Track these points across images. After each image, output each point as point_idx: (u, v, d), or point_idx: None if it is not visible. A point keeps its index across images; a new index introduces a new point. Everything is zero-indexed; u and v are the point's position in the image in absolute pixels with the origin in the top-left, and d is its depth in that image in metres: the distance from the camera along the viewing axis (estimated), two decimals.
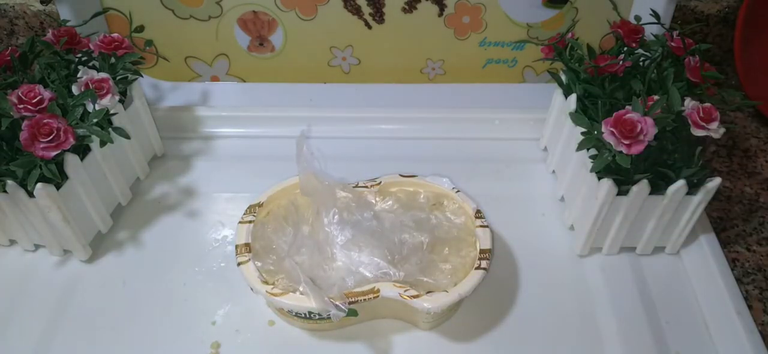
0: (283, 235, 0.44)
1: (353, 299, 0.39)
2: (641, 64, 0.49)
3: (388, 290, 0.40)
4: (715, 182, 0.44)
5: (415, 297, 0.39)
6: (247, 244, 0.42)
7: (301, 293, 0.39)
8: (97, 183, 0.47)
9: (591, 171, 0.44)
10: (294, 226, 0.44)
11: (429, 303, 0.39)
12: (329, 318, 0.40)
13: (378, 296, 0.39)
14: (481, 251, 0.42)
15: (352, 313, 0.41)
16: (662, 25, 0.51)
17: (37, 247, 0.49)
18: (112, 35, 0.50)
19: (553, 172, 0.55)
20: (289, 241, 0.43)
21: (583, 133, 0.45)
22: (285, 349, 0.42)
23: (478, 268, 0.41)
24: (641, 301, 0.45)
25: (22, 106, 0.42)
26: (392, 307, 0.42)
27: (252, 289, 0.40)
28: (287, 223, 0.45)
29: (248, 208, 0.45)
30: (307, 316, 0.41)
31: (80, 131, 0.44)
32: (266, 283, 0.40)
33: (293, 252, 0.42)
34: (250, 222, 0.44)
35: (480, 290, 0.40)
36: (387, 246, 0.42)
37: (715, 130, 0.41)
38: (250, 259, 0.41)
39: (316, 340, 0.43)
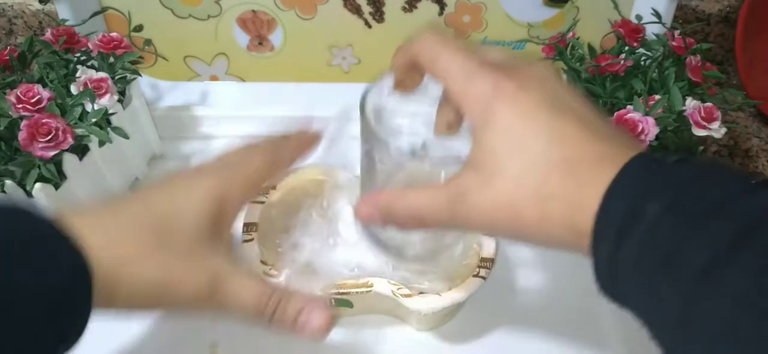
0: (291, 219, 0.44)
1: (346, 291, 0.39)
2: (642, 63, 0.49)
3: (381, 286, 0.40)
4: None
5: (407, 296, 0.39)
6: (254, 224, 0.42)
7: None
8: (96, 183, 0.47)
9: None
10: (304, 212, 0.44)
11: (420, 304, 0.39)
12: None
13: (371, 290, 0.39)
14: (482, 259, 0.41)
15: (347, 303, 0.41)
16: (663, 24, 0.51)
17: None
18: (111, 35, 0.49)
19: None
20: (293, 225, 0.43)
21: None
22: (285, 348, 0.42)
23: (477, 275, 0.40)
24: None
25: (20, 105, 0.42)
26: (386, 304, 0.42)
27: (250, 269, 0.40)
28: (297, 208, 0.45)
29: None
30: None
31: (79, 131, 0.44)
32: (264, 263, 0.40)
33: (297, 237, 0.42)
34: (260, 203, 0.44)
35: (480, 290, 0.40)
36: (389, 242, 0.42)
37: (717, 130, 0.41)
38: (253, 239, 0.41)
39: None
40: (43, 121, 0.40)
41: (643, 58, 0.49)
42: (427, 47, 0.31)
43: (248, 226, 0.42)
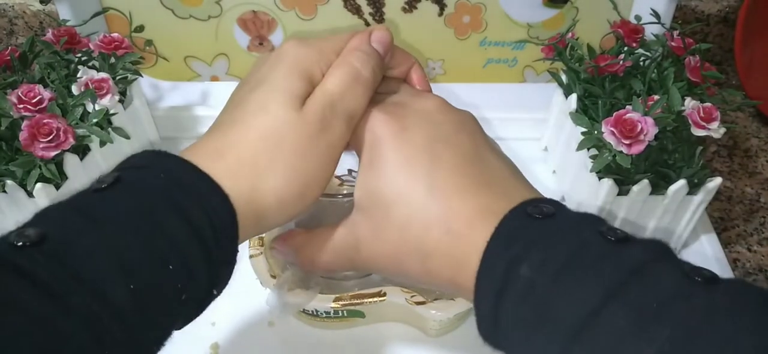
0: None
1: (359, 301, 0.39)
2: (641, 63, 0.49)
3: (395, 295, 0.39)
4: (715, 182, 0.44)
5: (421, 303, 0.39)
6: (260, 238, 0.42)
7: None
8: None
9: (591, 171, 0.44)
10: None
11: (436, 310, 0.39)
12: (337, 315, 0.40)
13: (384, 299, 0.39)
14: None
15: (358, 314, 0.41)
16: (662, 24, 0.51)
17: None
18: (112, 35, 0.50)
19: (554, 172, 0.55)
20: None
21: (583, 133, 0.45)
22: (285, 350, 0.42)
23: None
24: None
25: (21, 106, 0.42)
26: (399, 312, 0.41)
27: (261, 283, 0.40)
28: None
29: None
30: (314, 313, 0.41)
31: (80, 131, 0.44)
32: (274, 277, 0.40)
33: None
34: None
35: None
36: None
37: (716, 130, 0.41)
38: (261, 253, 0.41)
39: (316, 342, 0.43)
40: (45, 121, 0.41)
41: (642, 58, 0.49)
42: None
43: (254, 241, 0.42)
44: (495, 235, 0.26)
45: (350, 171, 0.42)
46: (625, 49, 0.50)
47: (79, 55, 0.50)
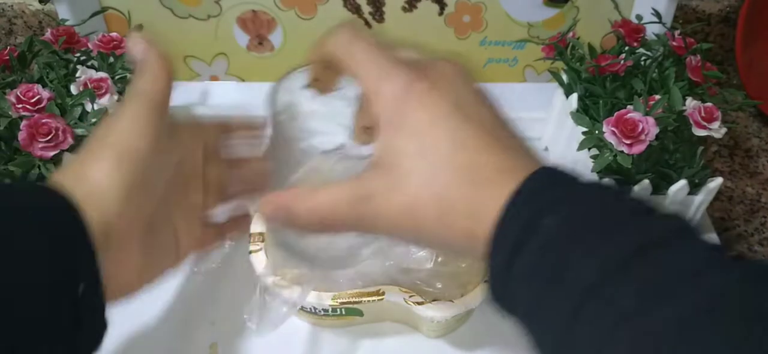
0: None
1: (357, 300, 0.39)
2: (642, 63, 0.49)
3: (393, 295, 0.39)
4: (716, 182, 0.44)
5: (419, 304, 0.39)
6: (261, 234, 0.42)
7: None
8: None
9: (592, 171, 0.44)
10: None
11: (433, 311, 0.38)
12: (336, 313, 0.40)
13: (383, 299, 0.39)
14: None
15: (357, 312, 0.41)
16: (663, 24, 0.51)
17: None
18: (111, 34, 0.50)
19: None
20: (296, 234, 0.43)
21: (584, 133, 0.45)
22: (284, 350, 0.42)
23: (487, 281, 0.40)
24: None
25: (20, 105, 0.42)
26: (397, 312, 0.41)
27: (260, 277, 0.40)
28: None
29: None
30: (313, 311, 0.41)
31: (79, 131, 0.44)
32: (273, 274, 0.40)
33: (301, 246, 0.42)
34: None
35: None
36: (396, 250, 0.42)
37: (717, 129, 0.41)
38: (261, 249, 0.41)
39: (316, 342, 0.43)
40: (43, 121, 0.40)
41: (643, 58, 0.49)
42: (341, 43, 0.31)
43: (255, 236, 0.42)
44: (520, 188, 0.25)
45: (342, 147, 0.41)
46: (626, 48, 0.50)
47: (78, 54, 0.50)
